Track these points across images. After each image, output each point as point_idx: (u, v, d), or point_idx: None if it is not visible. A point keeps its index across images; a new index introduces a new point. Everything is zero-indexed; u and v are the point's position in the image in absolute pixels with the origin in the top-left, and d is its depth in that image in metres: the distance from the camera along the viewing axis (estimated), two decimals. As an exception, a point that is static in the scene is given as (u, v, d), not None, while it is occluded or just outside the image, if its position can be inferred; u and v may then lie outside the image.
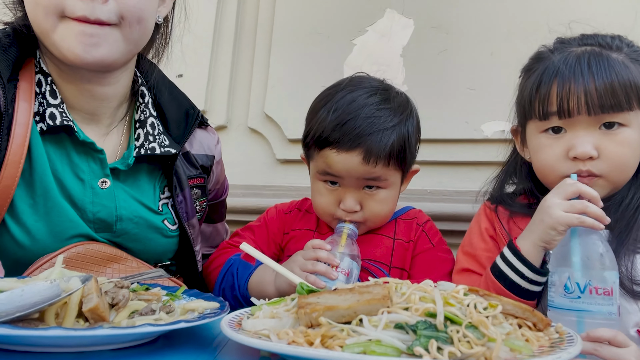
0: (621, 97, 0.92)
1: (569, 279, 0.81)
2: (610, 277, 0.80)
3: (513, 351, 0.55)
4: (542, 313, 0.69)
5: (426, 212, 1.62)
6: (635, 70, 0.95)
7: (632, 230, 0.94)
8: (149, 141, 1.02)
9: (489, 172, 1.68)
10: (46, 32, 0.87)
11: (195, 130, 1.15)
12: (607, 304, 0.78)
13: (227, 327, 0.62)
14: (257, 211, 1.64)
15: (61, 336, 0.56)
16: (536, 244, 0.91)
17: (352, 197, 1.07)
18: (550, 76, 0.98)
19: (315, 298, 0.62)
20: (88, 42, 0.87)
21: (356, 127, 1.01)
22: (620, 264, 0.91)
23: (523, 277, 0.91)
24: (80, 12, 0.85)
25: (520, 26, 1.66)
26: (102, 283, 0.73)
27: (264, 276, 1.04)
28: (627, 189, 0.98)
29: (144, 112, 1.05)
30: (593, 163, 0.94)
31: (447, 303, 0.59)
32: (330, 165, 1.05)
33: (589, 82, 0.92)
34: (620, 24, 1.27)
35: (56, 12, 0.85)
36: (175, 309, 0.75)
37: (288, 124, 1.82)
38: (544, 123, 0.99)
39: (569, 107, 0.94)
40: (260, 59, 1.95)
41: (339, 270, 0.98)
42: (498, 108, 1.63)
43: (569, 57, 0.97)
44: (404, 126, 1.08)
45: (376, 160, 1.02)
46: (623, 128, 0.94)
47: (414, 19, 1.78)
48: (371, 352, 0.52)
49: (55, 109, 0.92)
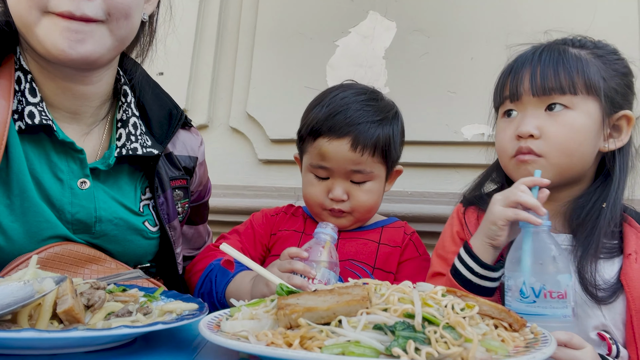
0: (564, 80, 0.97)
1: (524, 283, 0.82)
2: (564, 280, 0.81)
3: (489, 351, 0.56)
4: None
5: (406, 213, 1.64)
6: (592, 63, 0.99)
7: (595, 235, 0.95)
8: (130, 141, 1.00)
9: (468, 174, 1.70)
10: (29, 26, 0.85)
11: (179, 131, 1.14)
12: (562, 307, 0.80)
13: (206, 328, 0.62)
14: (238, 211, 1.63)
15: (34, 338, 0.55)
16: (484, 240, 0.93)
17: (340, 186, 1.16)
18: (509, 68, 1.06)
19: (295, 299, 0.62)
20: (73, 37, 0.84)
21: (347, 117, 1.13)
22: (585, 269, 0.93)
23: (473, 272, 0.93)
24: (65, 7, 0.82)
25: (500, 32, 1.69)
26: (77, 284, 0.72)
27: (241, 284, 1.04)
28: (590, 194, 1.00)
29: (126, 111, 1.03)
30: (535, 142, 0.97)
31: (425, 304, 0.60)
32: (322, 154, 1.15)
33: (536, 67, 0.99)
34: (598, 30, 1.31)
35: (40, 6, 0.83)
36: (152, 311, 0.73)
37: (270, 124, 1.82)
38: (501, 108, 1.07)
39: (517, 90, 1.01)
40: (242, 59, 1.94)
41: (315, 281, 0.98)
42: (478, 111, 1.65)
43: (527, 52, 1.05)
44: (389, 124, 1.18)
45: (363, 149, 1.12)
46: (567, 110, 0.97)
47: (397, 21, 1.79)
48: (350, 353, 0.52)
49: (35, 107, 0.89)
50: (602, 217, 0.95)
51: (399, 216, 1.61)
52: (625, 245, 0.96)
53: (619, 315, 0.92)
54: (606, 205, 0.97)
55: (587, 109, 0.97)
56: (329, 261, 1.02)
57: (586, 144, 0.98)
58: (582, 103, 0.97)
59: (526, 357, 0.53)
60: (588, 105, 0.97)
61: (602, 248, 0.95)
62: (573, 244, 0.98)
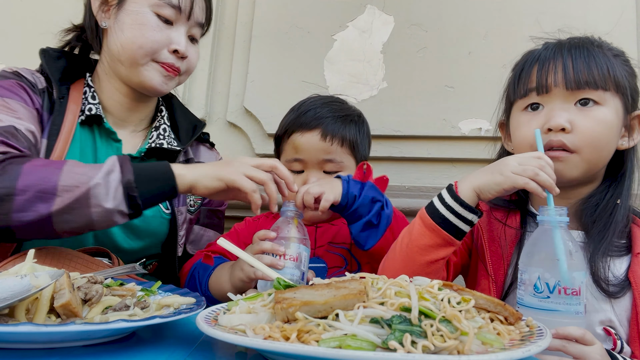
0: (597, 76, 0.96)
1: (539, 278, 0.81)
2: (579, 277, 0.81)
3: (485, 344, 0.56)
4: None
5: (404, 207, 1.64)
6: (614, 61, 0.99)
7: (609, 232, 0.96)
8: (159, 139, 1.28)
9: (465, 168, 1.71)
10: (137, 66, 1.17)
11: (201, 147, 1.42)
12: (575, 304, 0.79)
13: (203, 322, 0.62)
14: (236, 206, 1.63)
15: (32, 332, 0.55)
16: (473, 187, 0.93)
17: (314, 177, 1.25)
18: (532, 60, 1.04)
19: (292, 293, 0.62)
20: (166, 81, 1.22)
21: (315, 113, 1.28)
22: (597, 265, 0.93)
23: (453, 211, 0.94)
24: (170, 60, 1.19)
25: (497, 27, 1.69)
26: (74, 278, 0.72)
27: (221, 273, 1.11)
28: (603, 192, 1.01)
29: (159, 121, 1.33)
30: (566, 136, 0.96)
31: (422, 298, 0.60)
32: (296, 146, 1.27)
33: (567, 60, 0.98)
34: (594, 24, 1.31)
35: (152, 57, 1.18)
36: (150, 305, 0.74)
37: (267, 118, 1.82)
38: (524, 101, 1.04)
39: (547, 83, 0.99)
40: (239, 53, 1.93)
41: (287, 257, 1.00)
42: (475, 106, 1.66)
43: (551, 45, 1.04)
44: (354, 122, 1.32)
45: (332, 138, 1.25)
46: (598, 106, 0.97)
47: (394, 16, 1.79)
48: (347, 346, 0.52)
49: (93, 105, 1.21)
50: (617, 213, 0.97)
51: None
52: (633, 244, 0.97)
53: (624, 312, 0.93)
54: (620, 201, 0.98)
55: (615, 106, 0.98)
56: (298, 237, 1.04)
57: (613, 141, 0.99)
58: (611, 100, 0.97)
59: (521, 350, 0.54)
60: (615, 102, 0.98)
61: (612, 246, 0.96)
62: (585, 241, 0.98)
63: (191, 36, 1.24)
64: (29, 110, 1.10)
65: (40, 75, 1.19)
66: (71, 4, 1.98)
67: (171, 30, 1.18)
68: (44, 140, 1.12)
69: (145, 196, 0.97)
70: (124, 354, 0.62)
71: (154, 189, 0.99)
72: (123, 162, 0.97)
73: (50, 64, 1.19)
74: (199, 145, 1.42)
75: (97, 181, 0.93)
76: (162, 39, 1.16)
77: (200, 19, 1.23)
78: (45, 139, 1.12)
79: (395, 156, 1.73)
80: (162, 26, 1.17)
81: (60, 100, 1.16)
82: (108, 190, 0.93)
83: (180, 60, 1.21)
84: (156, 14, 1.16)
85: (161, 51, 1.17)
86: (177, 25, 1.19)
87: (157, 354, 0.64)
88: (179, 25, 1.19)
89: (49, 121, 1.14)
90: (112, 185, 0.94)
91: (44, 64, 1.19)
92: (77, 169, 0.94)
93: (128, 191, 0.95)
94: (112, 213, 0.95)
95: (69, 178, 0.92)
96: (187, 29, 1.21)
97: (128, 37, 1.15)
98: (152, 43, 1.15)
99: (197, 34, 1.26)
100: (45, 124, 1.14)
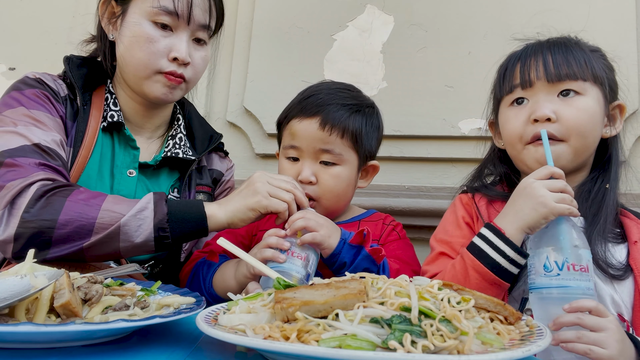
0: (576, 67, 1.03)
1: (547, 258, 0.85)
2: (585, 254, 0.85)
3: (485, 344, 0.56)
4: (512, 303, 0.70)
5: (403, 207, 1.64)
6: (591, 55, 1.06)
7: (602, 215, 1.01)
8: (175, 148, 1.30)
9: (465, 168, 1.70)
10: (140, 79, 1.18)
11: (214, 157, 1.43)
12: (585, 280, 0.83)
13: (203, 322, 0.62)
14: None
15: (32, 332, 0.55)
16: (522, 228, 0.93)
17: (309, 168, 1.18)
18: (515, 59, 1.11)
19: (292, 293, 0.62)
20: (170, 91, 1.20)
21: (318, 99, 1.19)
22: (596, 247, 0.97)
23: (505, 256, 0.93)
24: (171, 69, 1.17)
25: (497, 27, 1.69)
26: (74, 278, 0.72)
27: (225, 271, 1.11)
28: (594, 179, 1.07)
29: (176, 130, 1.35)
30: (553, 126, 1.01)
31: (422, 297, 0.60)
32: (293, 133, 1.19)
33: (547, 55, 1.05)
34: (594, 24, 1.31)
35: (155, 70, 1.17)
36: (150, 305, 0.74)
37: (267, 118, 1.82)
38: (509, 97, 1.10)
39: (530, 77, 1.06)
40: (239, 53, 1.93)
41: (295, 255, 1.00)
42: (475, 106, 1.65)
43: (531, 45, 1.12)
44: (362, 113, 1.21)
45: (331, 128, 1.15)
46: (579, 96, 1.03)
47: (394, 15, 1.79)
48: (347, 346, 0.52)
49: (115, 112, 1.23)
50: (608, 197, 1.03)
51: (395, 210, 1.61)
52: (628, 234, 1.02)
53: (627, 297, 0.96)
54: (609, 185, 1.04)
55: (596, 95, 1.04)
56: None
57: (597, 128, 1.05)
58: (590, 89, 1.03)
59: (521, 350, 0.54)
60: (596, 92, 1.04)
61: (608, 231, 1.00)
62: (584, 226, 1.02)
63: (197, 39, 1.22)
64: (54, 120, 1.12)
65: (62, 82, 1.19)
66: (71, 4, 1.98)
67: (172, 38, 1.16)
68: (69, 149, 1.14)
69: (177, 235, 1.01)
70: (124, 354, 0.62)
71: (185, 229, 1.02)
72: (158, 201, 1.01)
73: (74, 71, 1.21)
74: (211, 153, 1.43)
75: (129, 218, 0.97)
76: (160, 49, 1.15)
77: (202, 21, 1.20)
78: (71, 147, 1.14)
79: (395, 156, 1.73)
80: (160, 35, 1.15)
81: (83, 108, 1.18)
82: (139, 228, 0.97)
83: (183, 66, 1.19)
84: (154, 22, 1.14)
85: (162, 61, 1.16)
86: (178, 31, 1.17)
87: (157, 354, 0.64)
88: (179, 31, 1.17)
89: (72, 129, 1.16)
90: (144, 223, 0.98)
91: (68, 71, 1.20)
92: (116, 207, 0.98)
93: (160, 231, 0.99)
94: (139, 248, 0.99)
95: (106, 216, 0.96)
96: (189, 33, 1.18)
97: (129, 51, 1.16)
98: (149, 55, 1.14)
99: (203, 36, 1.22)
100: (69, 132, 1.15)
